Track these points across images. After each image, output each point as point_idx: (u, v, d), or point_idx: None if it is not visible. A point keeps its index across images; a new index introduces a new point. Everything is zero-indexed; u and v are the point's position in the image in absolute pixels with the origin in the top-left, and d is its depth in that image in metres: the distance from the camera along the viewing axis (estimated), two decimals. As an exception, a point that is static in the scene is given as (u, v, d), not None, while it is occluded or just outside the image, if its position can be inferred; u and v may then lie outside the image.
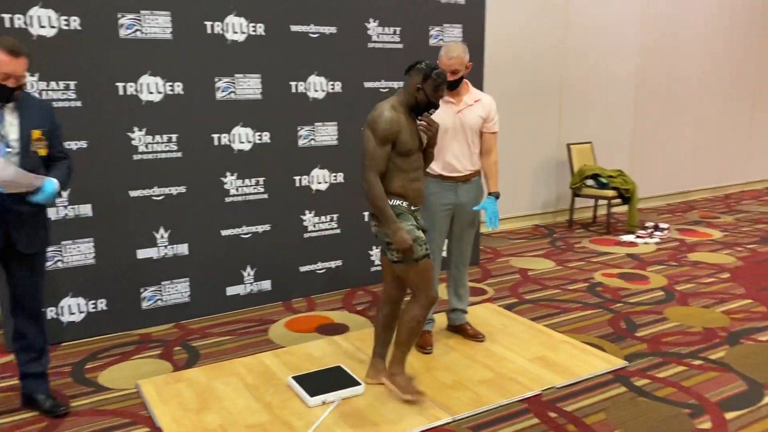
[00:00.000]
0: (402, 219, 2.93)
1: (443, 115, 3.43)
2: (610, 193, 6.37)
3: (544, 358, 3.54)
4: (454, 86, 3.41)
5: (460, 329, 3.83)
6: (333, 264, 4.69)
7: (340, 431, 2.81)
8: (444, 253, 3.75)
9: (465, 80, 3.48)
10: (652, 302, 4.45)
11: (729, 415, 2.95)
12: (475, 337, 3.75)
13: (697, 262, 5.40)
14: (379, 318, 3.25)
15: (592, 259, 5.54)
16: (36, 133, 2.74)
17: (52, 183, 2.73)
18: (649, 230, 6.36)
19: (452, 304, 3.82)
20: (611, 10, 6.93)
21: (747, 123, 8.71)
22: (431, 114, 2.98)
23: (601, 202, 6.91)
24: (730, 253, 5.67)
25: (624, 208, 7.32)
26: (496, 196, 3.52)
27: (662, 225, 6.39)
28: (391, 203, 2.92)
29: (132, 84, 3.80)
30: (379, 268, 4.90)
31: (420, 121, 2.98)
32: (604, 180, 6.41)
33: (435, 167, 3.50)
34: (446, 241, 3.66)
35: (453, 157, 3.48)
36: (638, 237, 6.20)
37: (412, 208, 3.01)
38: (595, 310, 4.30)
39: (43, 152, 2.78)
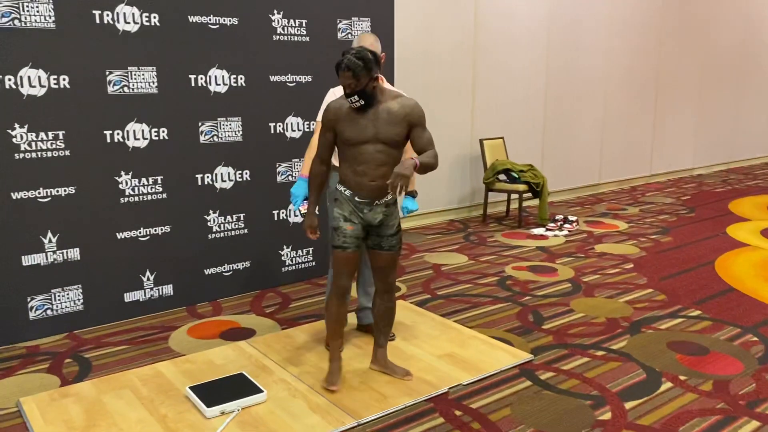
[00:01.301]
0: (337, 205, 3.05)
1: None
2: (522, 187, 6.47)
3: (453, 354, 3.52)
4: None
5: (369, 329, 3.76)
6: (241, 265, 4.52)
7: (239, 442, 2.68)
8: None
9: (379, 75, 3.40)
10: (560, 294, 4.53)
11: (628, 405, 3.01)
12: None
13: (603, 254, 5.56)
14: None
15: (503, 252, 5.61)
16: None
17: None
18: (559, 223, 6.51)
19: (361, 302, 3.75)
20: (520, 6, 7.04)
21: (651, 118, 9.08)
22: (355, 103, 2.84)
23: (513, 196, 7.02)
24: (635, 244, 5.87)
25: (535, 202, 7.48)
26: (413, 194, 3.47)
27: (571, 218, 6.55)
28: (337, 187, 3.06)
29: (11, 77, 3.50)
30: (291, 268, 4.76)
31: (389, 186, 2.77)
32: (515, 174, 6.51)
33: None
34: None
35: None
36: (548, 230, 6.34)
37: (357, 198, 2.98)
38: (505, 304, 4.33)
39: None
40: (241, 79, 4.31)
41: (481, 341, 3.69)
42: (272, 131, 4.50)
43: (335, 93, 3.48)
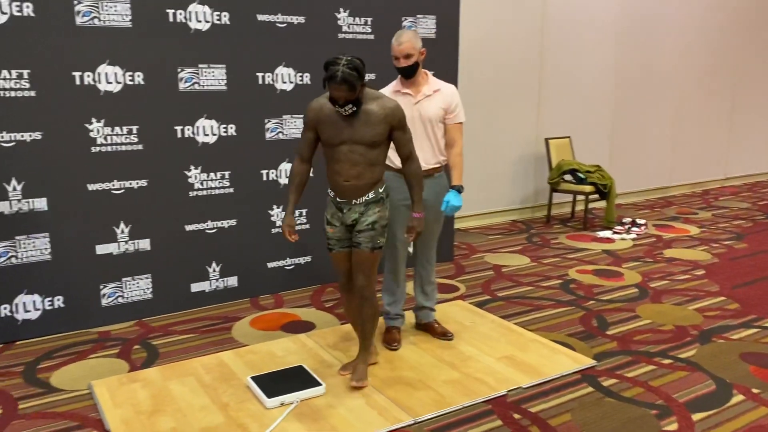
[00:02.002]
0: (327, 207, 3.11)
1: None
2: (588, 188, 6.31)
3: (512, 357, 3.46)
4: (410, 74, 3.31)
5: (427, 327, 3.74)
6: (302, 260, 4.59)
7: (297, 434, 2.72)
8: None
9: (424, 70, 3.38)
10: (625, 300, 4.39)
11: (696, 416, 2.89)
12: (444, 335, 3.67)
13: (672, 259, 5.36)
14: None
15: (567, 255, 5.48)
16: None
17: None
18: (627, 226, 6.31)
19: (419, 301, 3.73)
20: (590, 2, 6.86)
21: (727, 118, 8.69)
22: (343, 111, 2.82)
23: (579, 197, 6.86)
24: (706, 250, 5.63)
25: (602, 204, 7.28)
26: (459, 189, 3.38)
27: (639, 221, 6.34)
28: (328, 189, 3.09)
29: (89, 73, 3.66)
30: (349, 264, 4.79)
31: (407, 237, 3.09)
32: (582, 175, 6.35)
33: (395, 160, 3.40)
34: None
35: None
36: (615, 233, 6.16)
37: (338, 199, 3.01)
38: (568, 308, 4.24)
39: None
40: (306, 77, 4.37)
41: (542, 345, 3.62)
42: (336, 128, 4.54)
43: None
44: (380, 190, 3.03)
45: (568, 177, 6.49)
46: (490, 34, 6.19)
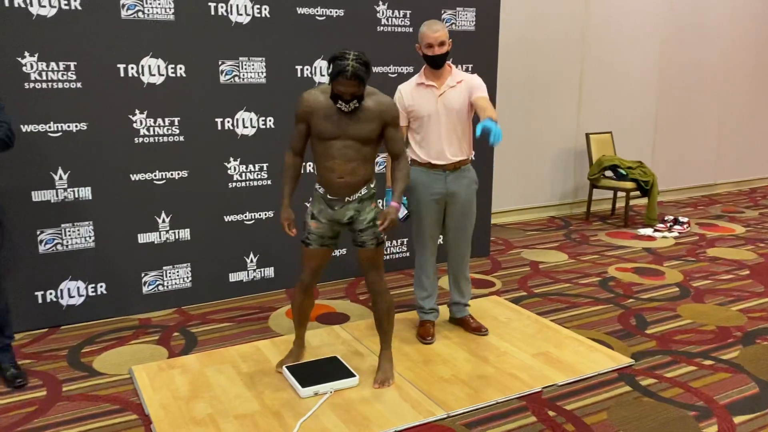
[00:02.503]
0: (311, 201, 3.08)
1: (425, 99, 3.33)
2: (629, 185, 6.19)
3: (548, 354, 3.43)
4: (440, 63, 3.28)
5: (462, 322, 3.73)
6: (337, 252, 4.61)
7: (331, 423, 2.74)
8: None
9: (447, 62, 3.36)
10: (666, 299, 4.30)
11: (738, 419, 2.82)
12: (478, 330, 3.65)
13: (716, 258, 5.22)
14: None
15: (606, 252, 5.39)
16: None
17: None
18: (668, 224, 6.17)
19: (453, 297, 3.72)
20: (635, -5, 6.71)
21: (776, 115, 8.42)
22: (346, 107, 2.77)
23: (620, 194, 6.73)
24: (752, 250, 5.47)
25: (644, 201, 7.14)
26: (493, 119, 2.99)
27: (682, 219, 6.19)
28: (315, 185, 3.02)
29: (133, 66, 3.74)
30: (385, 258, 4.81)
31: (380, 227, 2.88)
32: (623, 171, 6.23)
33: (421, 155, 3.39)
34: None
35: (438, 144, 3.36)
36: (656, 231, 6.03)
37: (329, 196, 2.94)
38: (606, 306, 4.17)
39: None
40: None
41: (579, 342, 3.57)
42: (373, 121, 4.55)
43: (403, 92, 3.40)
44: (371, 186, 3.00)
45: (608, 173, 6.38)
46: (531, 26, 6.11)
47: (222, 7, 3.91)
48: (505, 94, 6.04)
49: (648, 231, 6.03)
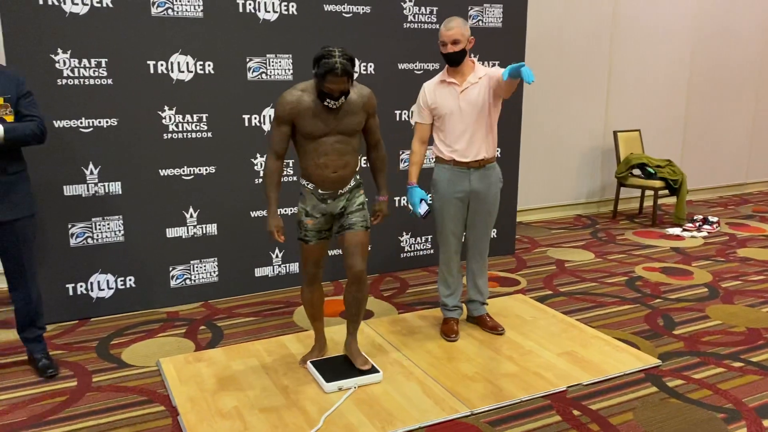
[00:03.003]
0: (301, 198, 3.02)
1: (447, 97, 3.31)
2: (658, 183, 6.10)
3: (573, 353, 3.40)
4: (456, 61, 3.26)
5: (478, 321, 3.71)
6: (363, 249, 4.62)
7: (354, 418, 2.76)
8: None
9: (471, 59, 3.33)
10: (694, 299, 4.24)
11: (768, 423, 2.77)
12: (494, 329, 3.62)
13: (746, 259, 5.13)
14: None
15: (634, 252, 5.33)
16: None
17: None
18: (697, 223, 6.07)
19: (470, 295, 3.69)
20: (666, -9, 6.61)
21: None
22: (335, 104, 2.76)
23: (647, 192, 6.64)
24: (784, 250, 5.37)
25: (672, 200, 7.04)
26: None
27: (711, 218, 6.09)
28: (300, 180, 2.99)
29: (163, 62, 3.79)
30: (409, 254, 4.81)
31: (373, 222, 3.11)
32: (651, 170, 6.15)
33: (445, 152, 3.38)
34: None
35: (461, 141, 3.34)
36: (685, 230, 5.94)
37: (320, 191, 2.93)
38: (633, 306, 4.12)
39: (9, 118, 2.86)
40: (370, 66, 4.39)
41: (605, 342, 3.54)
42: (397, 119, 4.55)
43: (426, 90, 3.38)
44: (358, 176, 3.03)
45: (636, 171, 6.30)
46: (559, 23, 6.05)
47: (250, 4, 3.94)
48: (532, 91, 6.00)
49: (676, 230, 5.94)
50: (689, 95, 7.09)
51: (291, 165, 4.27)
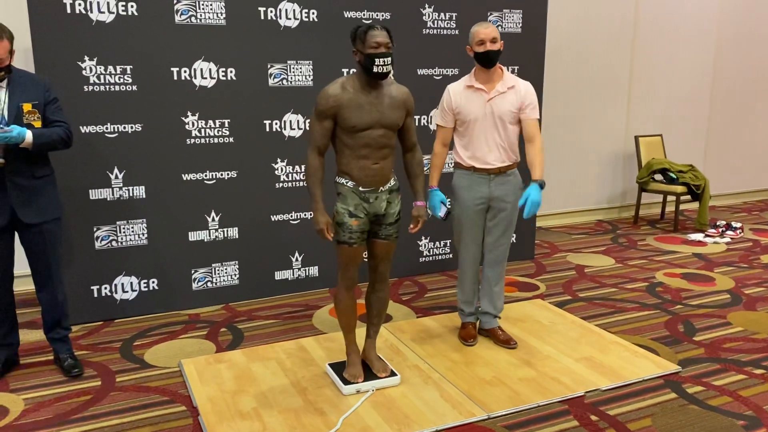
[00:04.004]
0: (340, 199, 2.90)
1: (473, 103, 3.29)
2: (680, 188, 6.05)
3: (592, 358, 3.39)
4: (492, 61, 3.22)
5: (490, 333, 3.62)
6: (382, 253, 4.65)
7: (372, 421, 2.79)
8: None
9: (499, 65, 3.31)
10: (716, 305, 4.20)
11: (789, 430, 2.74)
12: (507, 343, 3.54)
13: (770, 265, 5.07)
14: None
15: (655, 257, 5.29)
16: (27, 106, 2.90)
17: (21, 130, 2.83)
18: (720, 229, 6.01)
19: (483, 306, 3.62)
20: (688, -5, 6.56)
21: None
22: (384, 65, 2.71)
23: (669, 198, 6.59)
24: (810, 257, 5.29)
25: (694, 205, 6.97)
26: (541, 184, 3.21)
27: (735, 224, 6.02)
28: (337, 180, 2.91)
29: (186, 69, 3.87)
30: (428, 259, 4.83)
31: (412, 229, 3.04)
32: (673, 175, 6.10)
33: (466, 158, 3.36)
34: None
35: (484, 148, 3.31)
36: (707, 236, 5.87)
37: (361, 188, 2.86)
38: (653, 311, 4.09)
39: (37, 124, 2.94)
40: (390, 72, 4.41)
41: (624, 347, 3.52)
42: (417, 123, 4.58)
43: (452, 92, 3.35)
44: (395, 179, 3.00)
45: (658, 176, 6.25)
46: (579, 27, 6.04)
47: (271, 11, 4.01)
48: (553, 96, 5.99)
49: (699, 236, 5.89)
50: (712, 99, 7.02)
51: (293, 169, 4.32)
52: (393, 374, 3.11)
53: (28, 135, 2.87)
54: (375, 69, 2.72)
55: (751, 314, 4.05)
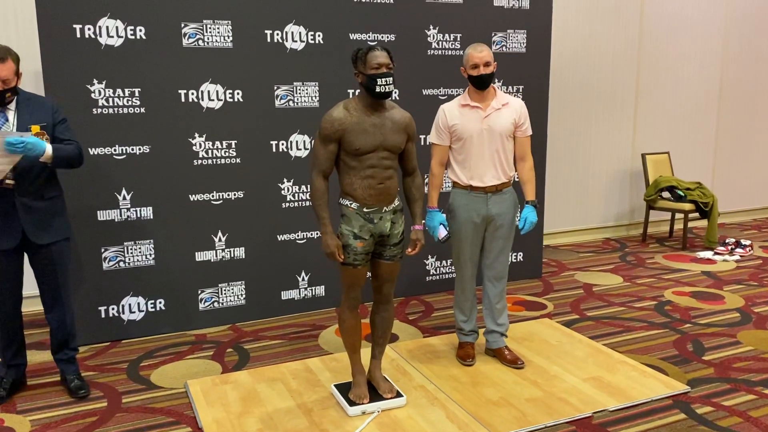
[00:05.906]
0: (344, 221, 2.91)
1: (469, 120, 3.32)
2: (688, 206, 6.02)
3: (599, 378, 3.36)
4: (486, 84, 3.28)
5: (497, 353, 3.60)
6: (388, 272, 4.65)
7: (377, 443, 2.77)
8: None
9: (492, 85, 3.35)
10: (725, 324, 4.16)
11: (801, 452, 2.70)
12: (514, 363, 3.51)
13: (780, 283, 5.02)
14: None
15: (663, 276, 5.25)
16: (35, 128, 2.93)
17: (40, 142, 2.86)
18: (730, 247, 5.97)
19: (488, 325, 3.60)
20: (692, 10, 6.58)
21: None
22: (386, 84, 2.77)
23: (678, 215, 6.56)
24: (820, 274, 5.24)
25: (703, 223, 6.93)
26: (534, 204, 3.37)
27: (744, 241, 5.98)
28: (341, 202, 2.93)
29: (194, 91, 3.91)
30: (435, 278, 4.83)
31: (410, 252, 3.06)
32: (681, 192, 6.08)
33: (463, 177, 3.38)
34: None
35: (481, 166, 3.34)
36: (717, 254, 5.84)
37: (365, 209, 2.88)
38: (661, 330, 4.06)
39: None
40: (395, 93, 4.46)
41: (632, 367, 3.49)
42: (421, 143, 4.60)
43: (446, 110, 3.37)
44: (398, 200, 3.01)
45: (666, 194, 6.23)
46: (584, 46, 6.07)
47: (278, 34, 4.06)
48: (559, 114, 6.01)
49: (708, 254, 5.85)
50: (719, 116, 7.01)
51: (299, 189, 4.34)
52: (399, 395, 3.10)
53: (48, 148, 2.89)
54: (378, 89, 2.77)
55: (762, 333, 4.01)
